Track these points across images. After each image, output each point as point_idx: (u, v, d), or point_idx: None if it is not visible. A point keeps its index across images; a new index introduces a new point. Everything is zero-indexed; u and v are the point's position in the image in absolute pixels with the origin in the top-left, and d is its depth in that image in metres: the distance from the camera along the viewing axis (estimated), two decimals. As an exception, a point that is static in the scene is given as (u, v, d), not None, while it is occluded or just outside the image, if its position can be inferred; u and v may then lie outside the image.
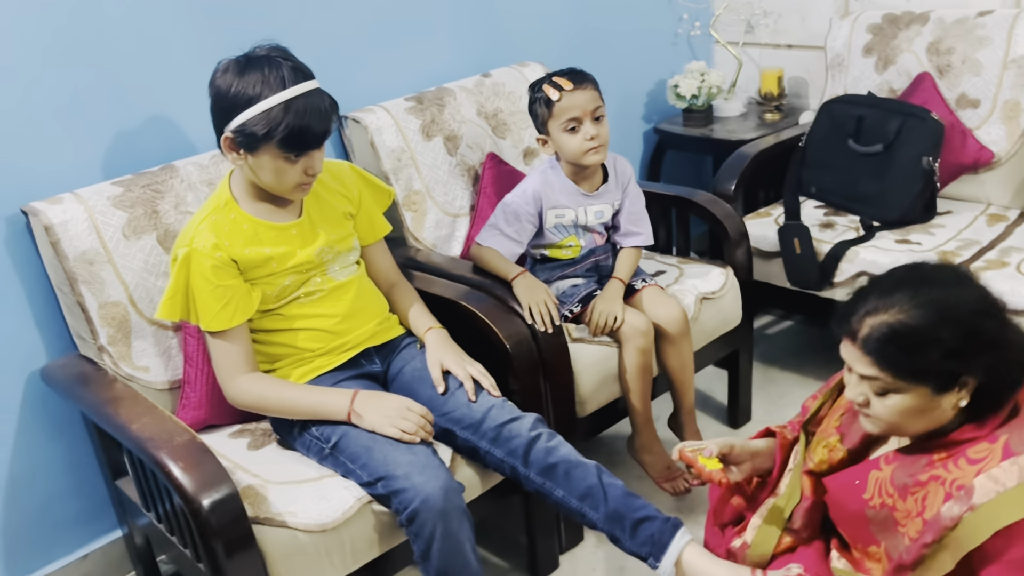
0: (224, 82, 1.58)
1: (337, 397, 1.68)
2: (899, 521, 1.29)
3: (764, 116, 3.08)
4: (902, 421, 1.25)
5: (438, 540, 1.55)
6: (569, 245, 2.12)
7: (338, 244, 1.79)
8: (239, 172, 1.71)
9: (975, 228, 2.42)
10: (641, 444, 2.10)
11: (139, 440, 1.54)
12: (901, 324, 1.20)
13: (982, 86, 2.52)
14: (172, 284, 1.66)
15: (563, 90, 1.96)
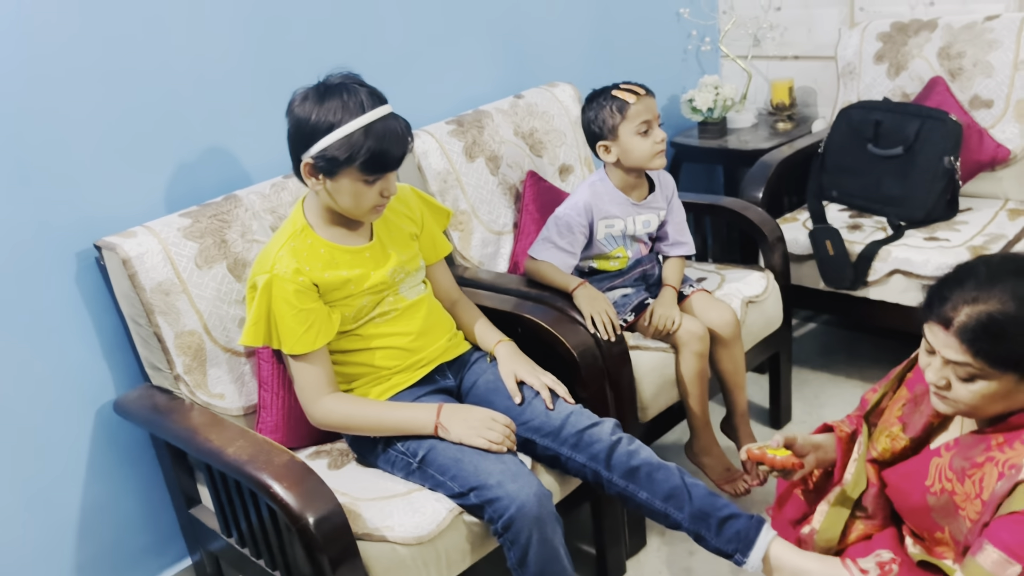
0: (304, 110, 1.63)
1: (423, 412, 1.72)
2: (959, 505, 1.34)
3: (776, 126, 3.17)
4: (984, 404, 1.29)
5: (534, 546, 1.59)
6: (617, 256, 2.18)
7: (408, 264, 1.84)
8: (312, 199, 1.75)
9: (997, 223, 2.52)
10: (700, 447, 2.15)
11: (237, 463, 1.57)
12: (1002, 315, 1.22)
13: (994, 87, 2.62)
14: (255, 311, 1.69)
15: (639, 95, 2.07)
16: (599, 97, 2.12)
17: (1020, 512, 1.22)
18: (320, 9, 2.21)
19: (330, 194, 1.68)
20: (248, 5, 2.07)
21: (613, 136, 2.11)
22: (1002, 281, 1.26)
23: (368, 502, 1.66)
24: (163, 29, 1.94)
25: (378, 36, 2.32)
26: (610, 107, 2.09)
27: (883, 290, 2.45)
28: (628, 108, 2.07)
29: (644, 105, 2.08)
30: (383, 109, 1.64)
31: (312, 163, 1.64)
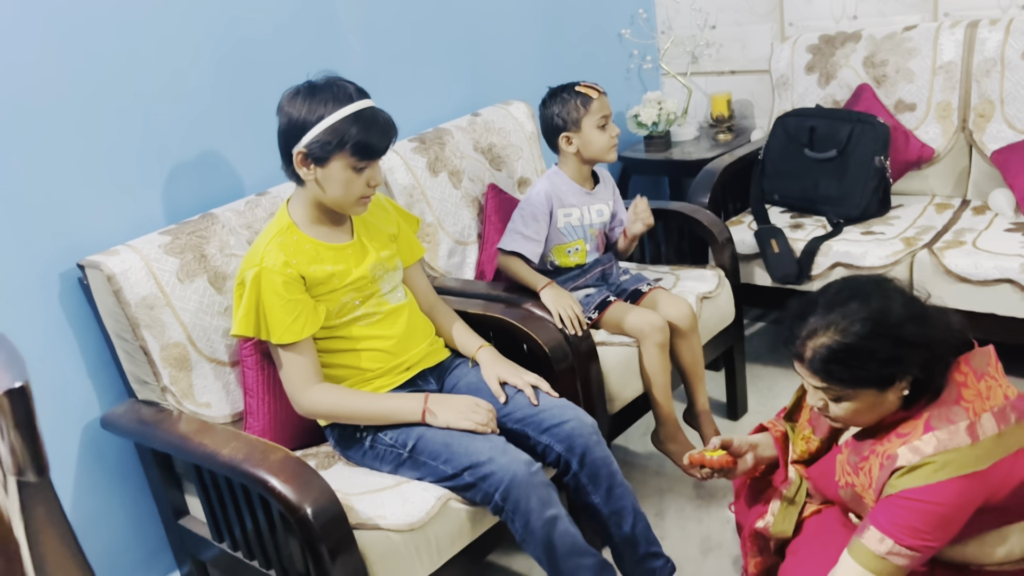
0: (294, 105, 1.74)
1: (410, 400, 1.82)
2: (861, 495, 1.47)
3: (717, 137, 3.35)
4: (858, 418, 1.42)
5: (535, 511, 1.69)
6: (576, 249, 2.31)
7: (387, 262, 1.93)
8: (297, 200, 1.85)
9: (927, 216, 2.70)
10: (666, 435, 2.27)
11: (233, 463, 1.64)
12: (838, 344, 1.34)
13: (916, 91, 2.83)
14: (245, 303, 1.76)
15: (599, 92, 2.26)
16: (562, 93, 2.28)
17: (893, 495, 1.36)
18: (285, 33, 2.31)
19: (320, 184, 1.77)
20: (216, 30, 2.16)
21: (576, 128, 2.26)
22: (838, 310, 1.37)
23: (359, 496, 1.73)
24: (136, 55, 2.01)
25: (342, 59, 2.42)
26: (575, 101, 2.26)
27: (826, 283, 2.60)
28: (591, 103, 2.25)
29: (602, 102, 2.28)
30: (368, 101, 1.77)
31: (305, 152, 1.74)
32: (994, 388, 1.39)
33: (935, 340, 1.38)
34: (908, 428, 1.40)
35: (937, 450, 1.34)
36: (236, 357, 1.99)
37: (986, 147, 2.72)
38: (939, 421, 1.36)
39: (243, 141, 2.24)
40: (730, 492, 2.36)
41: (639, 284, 2.36)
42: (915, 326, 1.37)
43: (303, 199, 1.84)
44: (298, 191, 1.86)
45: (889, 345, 1.34)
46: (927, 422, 1.37)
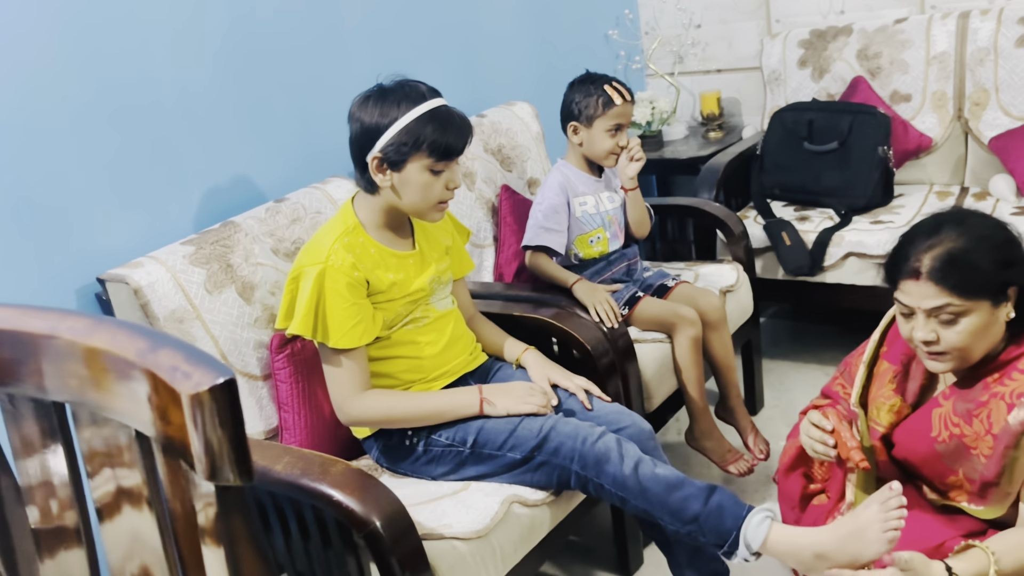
0: (367, 111, 1.67)
1: (465, 394, 1.75)
2: (970, 445, 1.45)
3: (708, 135, 3.35)
4: (972, 343, 1.40)
5: (618, 463, 1.63)
6: (598, 238, 2.29)
7: (443, 275, 1.87)
8: (363, 200, 1.76)
9: (931, 204, 2.74)
10: (701, 431, 2.24)
11: (291, 479, 1.55)
12: (958, 249, 1.38)
13: (911, 82, 2.87)
14: (306, 301, 1.66)
15: (625, 100, 2.21)
16: (590, 83, 2.24)
17: None
18: (294, 42, 2.24)
19: (397, 190, 1.70)
20: (225, 37, 2.07)
21: (588, 124, 2.23)
22: (945, 226, 1.42)
23: (418, 506, 1.66)
24: (147, 64, 1.92)
25: (349, 66, 2.36)
26: (598, 98, 2.22)
27: (839, 273, 2.62)
28: (612, 108, 2.21)
29: (624, 110, 2.23)
30: (442, 99, 1.70)
31: (380, 157, 1.67)
32: None
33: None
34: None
35: None
36: (268, 370, 1.89)
37: (983, 134, 2.76)
38: None
39: (256, 147, 2.16)
40: (763, 488, 2.34)
41: (664, 279, 2.34)
42: (1015, 237, 1.43)
43: (372, 202, 1.76)
44: (364, 193, 1.78)
45: (1001, 248, 1.39)
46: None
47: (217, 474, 0.63)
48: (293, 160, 2.24)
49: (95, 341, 0.72)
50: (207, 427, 0.62)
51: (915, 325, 1.44)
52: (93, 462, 0.84)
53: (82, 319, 0.76)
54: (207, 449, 0.63)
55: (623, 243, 2.37)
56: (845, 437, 1.52)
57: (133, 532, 0.83)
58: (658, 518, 1.62)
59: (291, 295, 1.71)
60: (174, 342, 0.69)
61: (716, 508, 1.57)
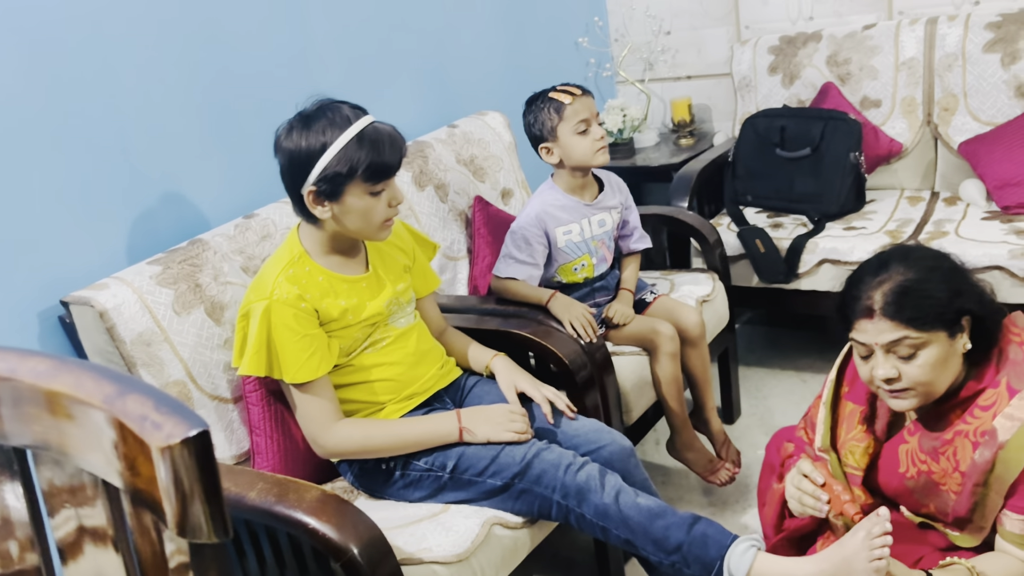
0: (293, 141, 1.61)
1: (443, 420, 1.71)
2: (939, 482, 1.45)
3: (679, 142, 3.34)
4: (934, 377, 1.39)
5: (599, 492, 1.60)
6: (583, 265, 2.23)
7: (402, 296, 1.83)
8: (307, 228, 1.72)
9: (902, 209, 2.74)
10: (682, 443, 2.22)
11: (265, 506, 1.50)
12: (908, 281, 1.37)
13: (880, 88, 2.87)
14: (255, 340, 1.63)
15: (574, 95, 2.12)
16: (537, 100, 2.19)
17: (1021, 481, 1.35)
18: (260, 52, 2.19)
19: (339, 219, 1.65)
20: (189, 50, 2.02)
21: (553, 137, 2.16)
22: (892, 262, 1.42)
23: (397, 530, 1.62)
24: (108, 78, 1.87)
25: (318, 76, 2.32)
26: (548, 109, 2.15)
27: (813, 280, 2.62)
28: (564, 109, 2.13)
29: (581, 104, 2.13)
30: (368, 118, 1.64)
31: (315, 189, 1.61)
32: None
33: (979, 284, 1.44)
34: (991, 398, 1.40)
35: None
36: (239, 393, 1.84)
37: (952, 140, 2.78)
38: (1019, 382, 1.38)
39: (222, 162, 2.11)
40: (743, 497, 2.33)
41: (642, 293, 2.31)
42: (963, 268, 1.45)
43: (315, 229, 1.71)
44: None
45: (951, 278, 1.39)
46: (1008, 386, 1.38)
47: (190, 531, 0.59)
48: (262, 175, 2.18)
49: (58, 385, 0.68)
50: (179, 482, 0.58)
51: (875, 364, 1.42)
52: (53, 500, 0.79)
53: (44, 360, 0.72)
54: (180, 505, 0.59)
55: (610, 265, 2.32)
56: (838, 491, 1.49)
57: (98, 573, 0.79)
58: (640, 548, 1.59)
59: (242, 332, 1.68)
60: (143, 387, 0.65)
61: (700, 537, 1.54)
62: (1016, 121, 2.63)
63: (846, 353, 1.63)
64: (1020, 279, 2.30)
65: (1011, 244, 2.34)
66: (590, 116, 2.14)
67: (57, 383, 0.67)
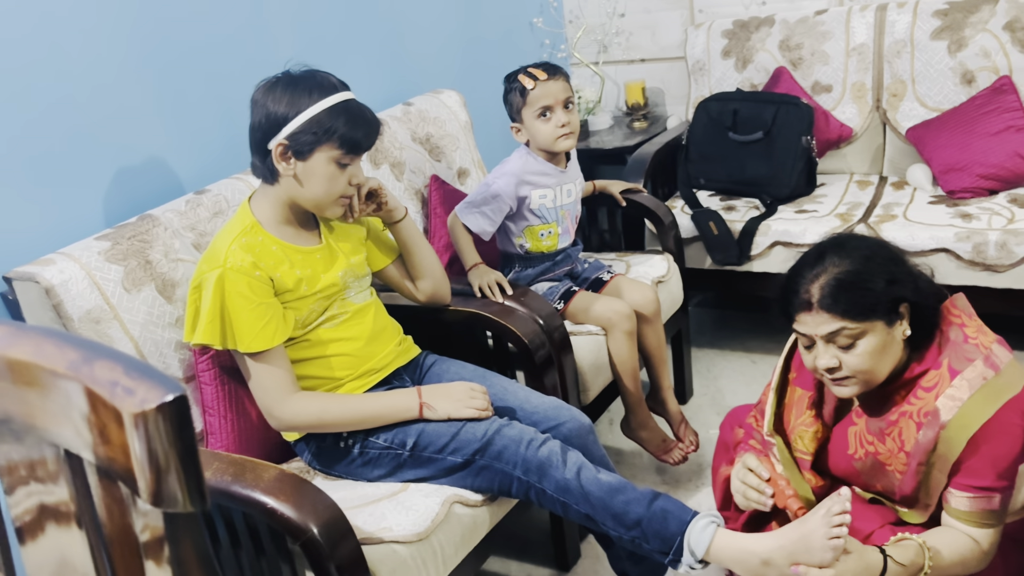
0: (274, 97, 1.62)
1: (403, 396, 1.70)
2: (885, 462, 1.49)
3: (633, 125, 3.35)
4: (873, 364, 1.42)
5: (561, 468, 1.60)
6: (549, 232, 2.24)
7: (357, 268, 1.81)
8: (262, 197, 1.70)
9: (852, 193, 2.79)
10: (637, 422, 2.23)
11: (221, 486, 1.47)
12: (844, 272, 1.40)
13: (832, 73, 2.91)
14: (209, 309, 1.60)
15: (537, 80, 2.11)
16: (509, 80, 2.19)
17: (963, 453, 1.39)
18: (214, 27, 2.13)
19: (299, 179, 1.64)
20: (139, 17, 1.96)
21: (519, 119, 2.17)
22: (828, 254, 1.44)
23: (356, 509, 1.60)
24: (55, 46, 1.80)
25: (271, 53, 2.26)
26: (515, 91, 2.16)
27: (765, 262, 2.65)
28: (528, 93, 2.13)
29: (543, 90, 2.12)
30: (351, 93, 1.66)
31: (286, 144, 1.61)
32: (982, 324, 1.48)
33: (916, 270, 1.48)
34: (933, 379, 1.43)
35: (972, 390, 1.39)
36: (191, 372, 1.80)
37: (900, 125, 2.83)
38: (959, 362, 1.41)
39: (174, 136, 2.05)
40: (695, 477, 2.36)
41: (599, 272, 2.32)
42: (899, 254, 1.48)
43: (271, 197, 1.70)
44: (263, 188, 1.71)
45: (887, 266, 1.42)
46: (949, 367, 1.42)
47: (165, 500, 0.57)
48: (213, 150, 2.14)
49: (17, 352, 0.65)
50: (153, 450, 0.56)
51: (816, 354, 1.45)
52: (11, 477, 0.76)
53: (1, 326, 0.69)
54: (154, 474, 0.56)
55: (572, 239, 2.32)
56: (782, 486, 1.53)
57: (60, 555, 0.76)
58: (600, 523, 1.59)
59: (194, 305, 1.65)
60: (110, 352, 0.63)
61: (660, 512, 1.55)
62: (961, 108, 2.69)
63: (794, 340, 1.65)
64: (965, 261, 2.36)
65: (957, 227, 2.40)
66: (554, 102, 2.12)
67: (16, 351, 0.64)
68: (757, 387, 2.73)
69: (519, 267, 2.26)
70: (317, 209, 1.72)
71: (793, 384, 1.67)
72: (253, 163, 1.70)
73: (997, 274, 2.33)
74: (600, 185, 2.53)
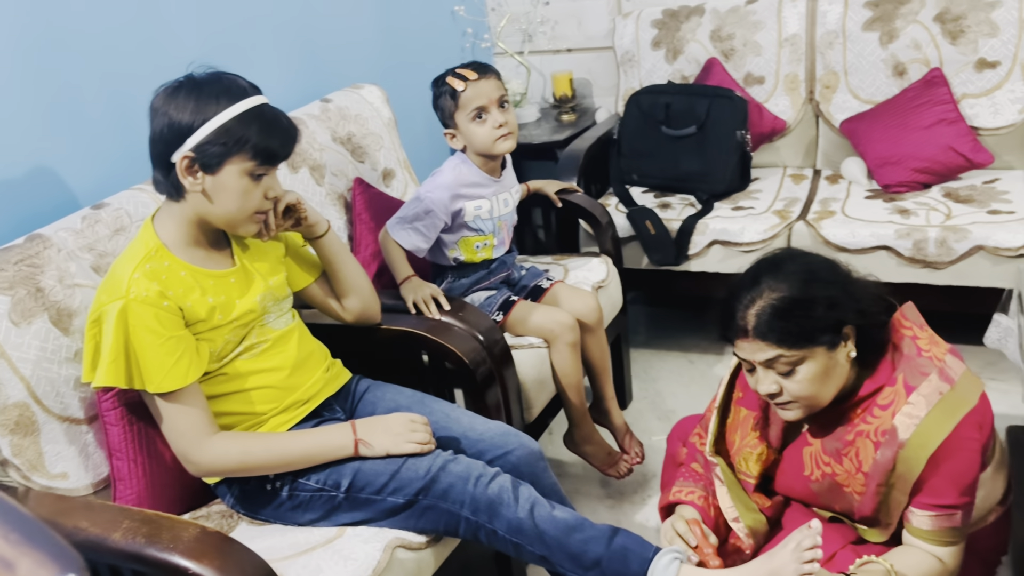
0: (176, 104, 1.43)
1: (335, 432, 1.54)
2: (843, 483, 1.44)
3: (561, 118, 3.23)
4: (816, 390, 1.37)
5: (513, 506, 1.48)
6: (484, 244, 2.10)
7: (277, 291, 1.64)
8: (165, 216, 1.53)
9: (787, 188, 2.73)
10: (582, 436, 2.13)
11: (134, 549, 1.30)
12: (779, 299, 1.34)
13: (764, 64, 2.85)
14: (111, 346, 1.42)
15: (467, 80, 1.97)
16: (437, 84, 2.04)
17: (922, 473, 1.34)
18: (108, 22, 1.91)
19: (208, 195, 1.46)
20: (23, 21, 1.73)
21: (453, 124, 2.03)
22: (763, 277, 1.38)
23: (288, 560, 1.45)
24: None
25: (171, 48, 2.05)
26: (446, 95, 2.02)
27: (703, 261, 2.57)
28: (459, 95, 1.99)
29: (475, 91, 1.99)
30: (264, 98, 1.49)
31: (192, 156, 1.43)
32: (934, 334, 1.44)
33: (861, 285, 1.41)
34: (888, 397, 1.38)
35: (930, 406, 1.34)
36: (93, 412, 1.61)
37: (833, 117, 2.78)
38: (914, 378, 1.36)
39: (63, 144, 1.83)
40: (641, 489, 2.27)
41: (538, 280, 2.19)
42: (840, 273, 1.41)
43: (177, 215, 1.51)
44: (167, 206, 1.53)
45: (826, 289, 1.35)
46: (904, 383, 1.37)
47: None
48: (109, 158, 1.92)
49: None
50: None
51: (759, 379, 1.40)
52: None
53: None
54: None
55: (507, 248, 2.19)
56: (708, 554, 1.46)
57: None
58: (557, 565, 1.47)
59: (94, 341, 1.46)
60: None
61: (620, 551, 1.44)
62: (894, 100, 2.65)
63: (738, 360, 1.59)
64: (906, 259, 2.32)
65: (896, 224, 2.36)
66: (488, 102, 1.99)
67: None
68: (696, 388, 2.67)
69: (451, 277, 2.12)
70: (229, 227, 1.55)
71: (738, 404, 1.60)
72: (155, 178, 1.52)
73: (937, 271, 2.30)
74: (534, 186, 2.41)
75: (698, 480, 1.62)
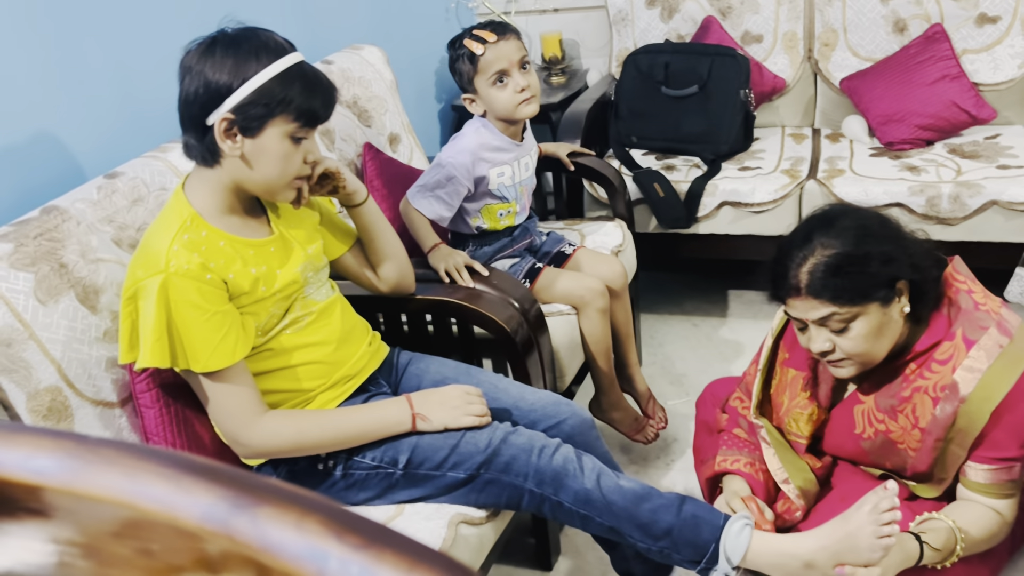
0: (212, 63, 1.33)
1: (392, 407, 1.48)
2: (897, 440, 1.43)
3: (551, 80, 3.16)
4: (870, 346, 1.36)
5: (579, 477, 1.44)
6: (508, 211, 2.04)
7: (315, 259, 1.56)
8: (198, 182, 1.43)
9: (789, 147, 2.72)
10: (609, 403, 2.09)
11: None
12: (833, 256, 1.33)
13: (762, 22, 2.82)
14: (154, 324, 1.32)
15: (486, 42, 1.89)
16: (455, 45, 1.95)
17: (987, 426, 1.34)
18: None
19: (248, 160, 1.37)
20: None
21: (472, 89, 1.95)
22: (816, 233, 1.36)
23: (351, 543, 1.38)
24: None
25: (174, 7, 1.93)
26: (464, 58, 1.93)
27: (712, 223, 2.54)
28: (478, 59, 1.91)
29: (495, 53, 1.90)
30: (301, 55, 1.40)
31: (231, 119, 1.33)
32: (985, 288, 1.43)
33: (912, 239, 1.40)
34: (947, 351, 1.37)
35: (991, 359, 1.33)
36: (126, 394, 1.51)
37: (832, 75, 2.77)
38: (973, 331, 1.35)
39: (66, 110, 1.71)
40: (663, 454, 2.25)
41: (560, 246, 2.13)
42: (892, 227, 1.40)
43: (211, 182, 1.42)
44: (198, 173, 1.43)
45: (879, 245, 1.34)
46: (964, 337, 1.36)
47: None
48: (113, 124, 1.81)
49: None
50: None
51: (810, 337, 1.38)
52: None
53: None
54: None
55: (528, 213, 2.13)
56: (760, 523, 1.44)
57: None
58: (626, 535, 1.43)
59: (130, 319, 1.37)
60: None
61: (690, 519, 1.41)
62: (895, 57, 2.65)
63: (784, 319, 1.57)
64: (919, 215, 2.33)
65: (908, 181, 2.36)
66: (509, 65, 1.91)
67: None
68: (704, 352, 2.66)
69: (473, 246, 2.05)
70: (267, 194, 1.46)
71: (784, 365, 1.57)
72: (186, 142, 1.41)
73: (950, 227, 2.31)
74: (547, 149, 2.34)
75: (742, 447, 1.59)
